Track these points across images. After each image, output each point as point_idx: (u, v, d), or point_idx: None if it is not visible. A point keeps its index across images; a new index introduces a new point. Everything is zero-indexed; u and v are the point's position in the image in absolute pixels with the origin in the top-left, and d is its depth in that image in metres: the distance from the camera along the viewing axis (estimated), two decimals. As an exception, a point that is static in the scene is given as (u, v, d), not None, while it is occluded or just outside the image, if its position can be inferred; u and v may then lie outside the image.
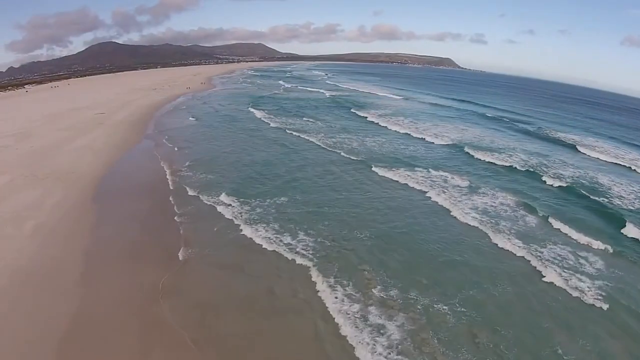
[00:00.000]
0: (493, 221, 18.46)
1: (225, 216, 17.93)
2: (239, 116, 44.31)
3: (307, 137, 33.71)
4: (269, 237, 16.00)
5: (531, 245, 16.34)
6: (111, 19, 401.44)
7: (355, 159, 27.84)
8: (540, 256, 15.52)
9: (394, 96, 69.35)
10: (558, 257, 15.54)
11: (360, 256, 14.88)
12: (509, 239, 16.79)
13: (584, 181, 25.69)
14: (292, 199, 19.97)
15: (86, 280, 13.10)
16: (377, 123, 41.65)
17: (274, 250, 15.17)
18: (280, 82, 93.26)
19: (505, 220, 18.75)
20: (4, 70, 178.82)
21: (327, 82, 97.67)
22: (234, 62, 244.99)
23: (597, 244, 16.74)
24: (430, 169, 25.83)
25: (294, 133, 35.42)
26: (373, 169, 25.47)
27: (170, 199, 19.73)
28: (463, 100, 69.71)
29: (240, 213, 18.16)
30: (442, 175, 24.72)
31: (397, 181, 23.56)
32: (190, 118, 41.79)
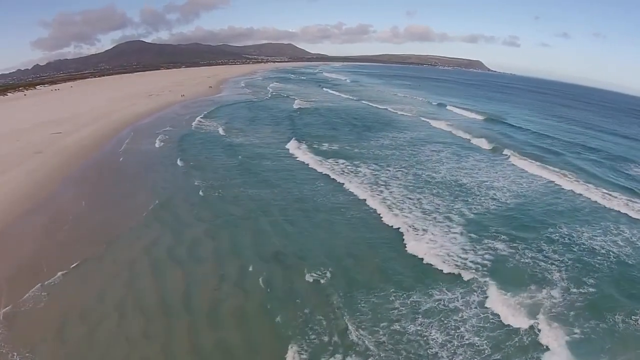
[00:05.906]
0: None
1: None
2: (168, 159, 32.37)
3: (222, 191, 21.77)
4: None
5: None
6: (140, 17, 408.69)
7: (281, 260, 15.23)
8: None
9: (404, 112, 51.68)
10: None
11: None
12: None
13: None
14: None
15: None
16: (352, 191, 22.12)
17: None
18: (271, 85, 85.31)
19: None
20: (29, 68, 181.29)
21: (323, 88, 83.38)
22: (262, 62, 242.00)
23: None
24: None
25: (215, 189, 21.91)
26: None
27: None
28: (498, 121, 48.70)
29: None
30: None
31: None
32: (125, 154, 29.09)
